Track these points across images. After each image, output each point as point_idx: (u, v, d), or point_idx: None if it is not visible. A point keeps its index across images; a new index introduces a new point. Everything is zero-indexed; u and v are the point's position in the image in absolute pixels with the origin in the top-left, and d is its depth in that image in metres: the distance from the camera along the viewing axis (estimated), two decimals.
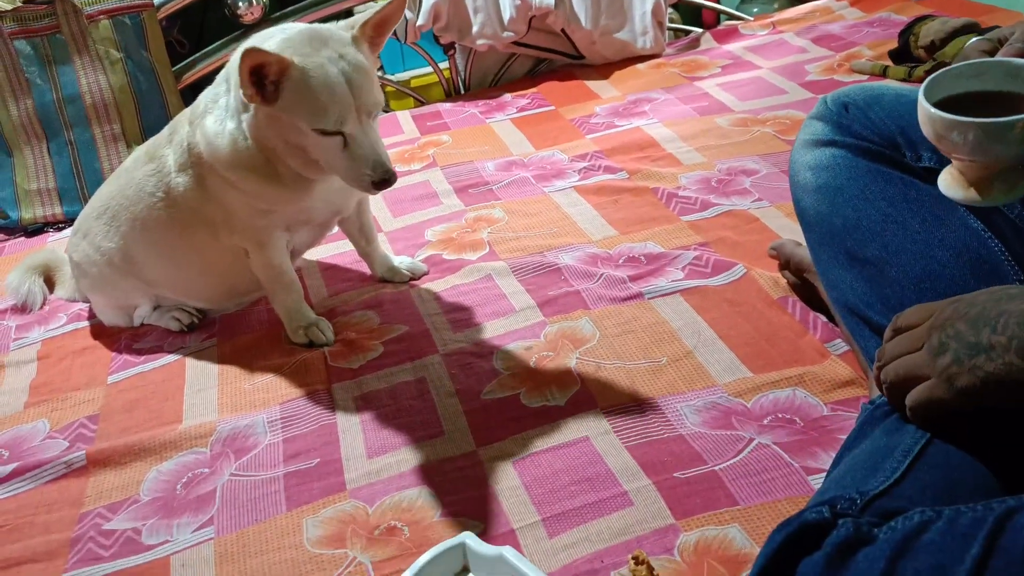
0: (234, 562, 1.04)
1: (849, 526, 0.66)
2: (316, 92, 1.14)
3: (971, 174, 0.68)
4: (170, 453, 1.24)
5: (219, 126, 1.27)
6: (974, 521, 0.61)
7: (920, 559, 0.61)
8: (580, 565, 0.95)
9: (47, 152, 2.18)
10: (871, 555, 0.64)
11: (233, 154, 1.26)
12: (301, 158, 1.24)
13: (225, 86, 1.28)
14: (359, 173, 1.19)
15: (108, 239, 1.47)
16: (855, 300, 0.96)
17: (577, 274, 1.49)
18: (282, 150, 1.24)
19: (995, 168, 0.66)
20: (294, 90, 1.15)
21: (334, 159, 1.20)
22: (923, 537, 0.63)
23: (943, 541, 0.62)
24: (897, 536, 0.64)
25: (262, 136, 1.23)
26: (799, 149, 1.09)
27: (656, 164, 1.87)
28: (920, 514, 0.64)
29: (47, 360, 1.54)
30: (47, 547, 1.11)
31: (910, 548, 0.62)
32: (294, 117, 1.17)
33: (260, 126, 1.22)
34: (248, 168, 1.27)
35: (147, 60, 2.25)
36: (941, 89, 0.69)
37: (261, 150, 1.25)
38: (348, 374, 1.34)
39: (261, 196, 1.31)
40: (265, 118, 1.20)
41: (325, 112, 1.15)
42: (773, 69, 2.33)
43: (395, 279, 1.58)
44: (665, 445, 1.10)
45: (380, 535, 1.04)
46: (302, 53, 1.15)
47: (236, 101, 1.24)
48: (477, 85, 2.66)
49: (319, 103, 1.14)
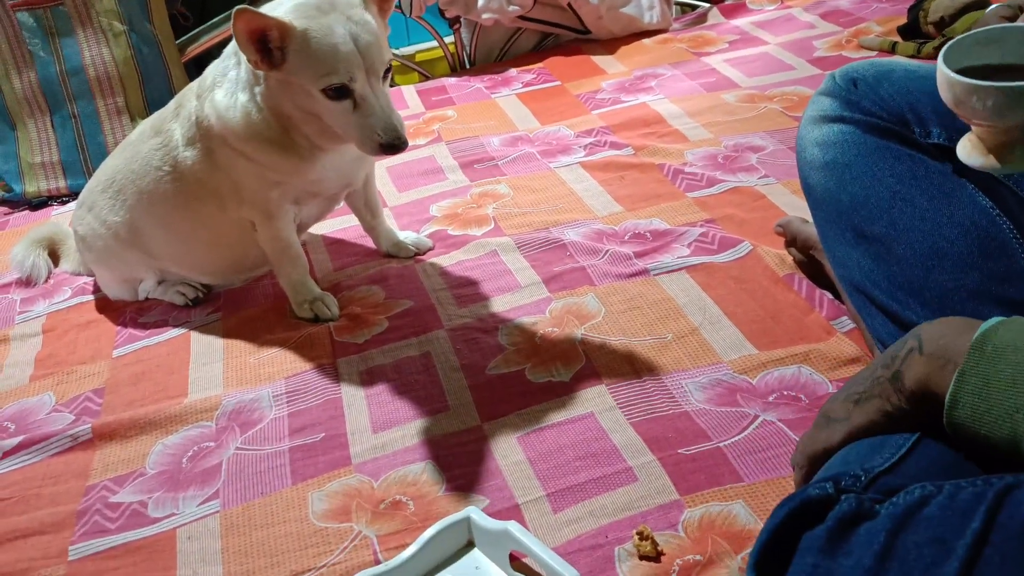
0: (239, 535, 1.05)
1: (852, 501, 0.67)
2: (322, 52, 1.14)
3: (990, 140, 0.67)
4: (176, 427, 1.24)
5: (230, 99, 1.27)
6: (974, 496, 0.62)
7: (920, 533, 0.62)
8: (584, 540, 0.96)
9: (51, 125, 2.17)
10: (872, 529, 0.64)
11: (247, 126, 1.26)
12: (316, 125, 1.24)
13: (235, 59, 1.28)
14: (370, 136, 1.19)
15: (113, 212, 1.47)
16: (861, 278, 0.96)
17: (583, 250, 1.49)
18: (297, 118, 1.24)
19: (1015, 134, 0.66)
20: (299, 52, 1.15)
21: (345, 123, 1.20)
22: (923, 511, 0.63)
23: (943, 515, 0.62)
24: (898, 511, 0.64)
25: (276, 105, 1.23)
26: (807, 125, 1.08)
27: (662, 140, 1.86)
28: (921, 489, 0.65)
29: (52, 333, 1.55)
30: (53, 519, 1.12)
31: (910, 522, 0.63)
32: (302, 80, 1.17)
33: (273, 95, 1.22)
34: (263, 139, 1.27)
35: (151, 32, 2.24)
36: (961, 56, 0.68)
37: (277, 119, 1.26)
38: (353, 349, 1.34)
39: (275, 167, 1.31)
40: (277, 85, 1.21)
41: (332, 71, 1.15)
42: (781, 45, 2.31)
43: (400, 254, 1.58)
44: (670, 421, 1.10)
45: (385, 509, 1.04)
46: (308, 16, 1.15)
47: (247, 74, 1.25)
48: (482, 60, 2.64)
49: (325, 63, 1.15)
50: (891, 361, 0.74)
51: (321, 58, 1.15)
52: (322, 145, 1.29)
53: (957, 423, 0.67)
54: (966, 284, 0.86)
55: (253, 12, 1.10)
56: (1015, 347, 0.64)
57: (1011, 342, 0.64)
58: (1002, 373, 0.64)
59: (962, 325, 0.70)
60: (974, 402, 0.66)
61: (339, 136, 1.24)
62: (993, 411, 0.64)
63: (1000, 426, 0.64)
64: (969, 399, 0.66)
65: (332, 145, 1.29)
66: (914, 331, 0.74)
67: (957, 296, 0.86)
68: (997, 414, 0.64)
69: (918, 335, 0.73)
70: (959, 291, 0.86)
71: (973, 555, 0.58)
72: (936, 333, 0.71)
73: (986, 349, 0.66)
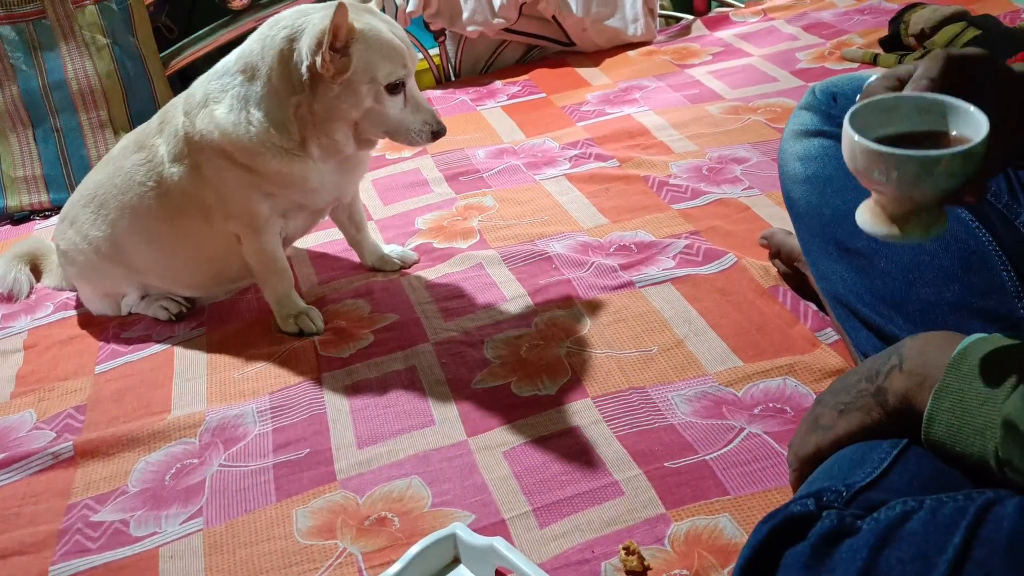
0: (223, 553, 1.04)
1: (833, 518, 0.67)
2: (386, 48, 1.21)
3: (892, 208, 0.66)
4: (158, 443, 1.23)
5: (238, 115, 1.27)
6: (956, 511, 0.62)
7: (903, 549, 0.62)
8: (571, 555, 0.95)
9: (33, 139, 2.16)
10: (854, 545, 0.64)
11: (261, 141, 1.27)
12: (348, 130, 1.28)
13: (242, 77, 1.27)
14: (421, 125, 1.28)
15: (96, 227, 1.46)
16: (844, 291, 0.96)
17: (568, 263, 1.49)
18: (338, 125, 1.27)
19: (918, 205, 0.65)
20: (365, 50, 1.20)
21: (400, 116, 1.27)
22: (905, 527, 0.63)
23: (925, 531, 0.62)
24: (880, 527, 0.64)
25: (326, 110, 1.24)
26: (788, 139, 1.08)
27: (647, 152, 1.87)
28: (903, 504, 0.65)
29: (34, 349, 1.53)
30: (34, 539, 1.10)
31: (893, 538, 0.63)
32: (372, 76, 1.21)
33: (324, 102, 1.23)
34: (274, 151, 1.28)
35: (134, 46, 2.23)
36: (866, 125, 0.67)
37: (301, 130, 1.27)
38: (338, 363, 1.34)
39: (278, 179, 1.31)
40: (342, 91, 1.22)
41: (399, 65, 1.23)
42: (764, 57, 2.32)
43: (385, 268, 1.57)
44: (656, 435, 1.10)
45: (370, 525, 1.04)
46: (359, 19, 1.20)
47: (265, 89, 1.25)
48: (468, 72, 2.64)
49: (392, 58, 1.22)
50: (874, 376, 0.74)
51: (387, 54, 1.21)
52: (346, 150, 1.31)
53: (934, 440, 0.68)
54: (948, 297, 0.87)
55: (346, 9, 1.14)
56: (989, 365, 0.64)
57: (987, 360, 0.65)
58: (976, 391, 0.64)
59: (943, 341, 0.71)
60: (949, 420, 0.66)
61: (368, 139, 1.31)
62: (965, 429, 0.65)
63: (971, 444, 0.64)
64: (945, 417, 0.66)
65: (360, 149, 1.34)
66: (897, 346, 0.74)
67: (939, 309, 0.87)
68: (969, 432, 0.65)
69: (900, 351, 0.73)
70: (941, 304, 0.87)
71: (955, 571, 0.58)
72: (917, 349, 0.72)
73: (962, 367, 0.66)
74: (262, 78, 1.25)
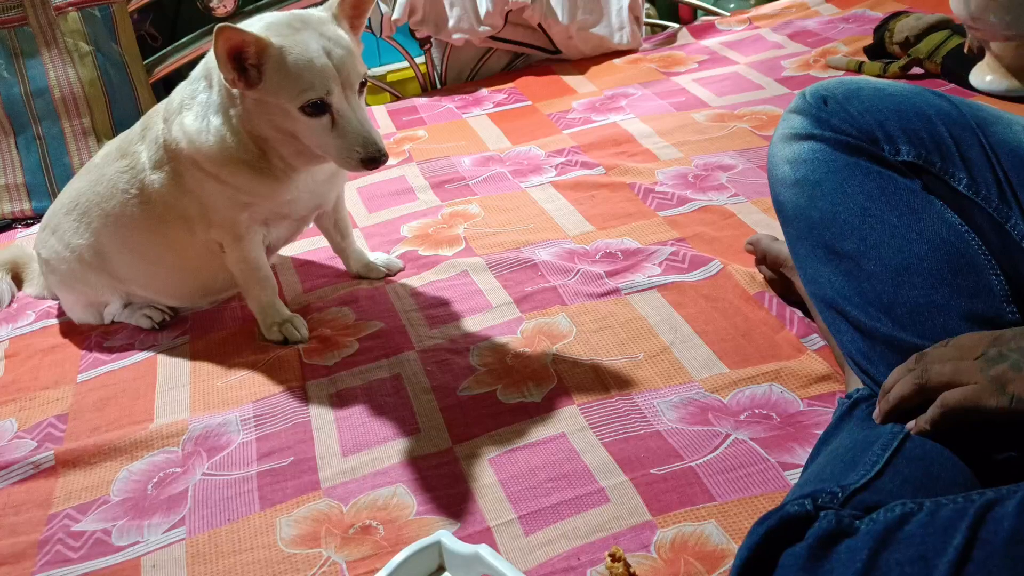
0: (206, 563, 1.02)
1: (831, 518, 0.66)
2: (298, 68, 1.13)
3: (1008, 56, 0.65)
4: (141, 452, 1.22)
5: (201, 123, 1.25)
6: (955, 513, 0.62)
7: (902, 551, 0.62)
8: (557, 563, 0.94)
9: (15, 147, 2.14)
10: (853, 547, 0.64)
11: (221, 150, 1.25)
12: (292, 146, 1.23)
13: (204, 83, 1.26)
14: (350, 151, 1.17)
15: (78, 235, 1.44)
16: (833, 294, 0.96)
17: (554, 270, 1.48)
18: (274, 139, 1.23)
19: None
20: (276, 69, 1.14)
21: (324, 140, 1.18)
22: (905, 529, 0.63)
23: (925, 533, 0.62)
24: (878, 528, 0.64)
25: (253, 126, 1.22)
26: (777, 143, 1.08)
27: (633, 159, 1.87)
28: (901, 506, 0.65)
29: (15, 359, 1.52)
30: (14, 549, 1.09)
31: (892, 540, 0.62)
32: (279, 98, 1.16)
33: (250, 116, 1.21)
34: (238, 162, 1.25)
35: (117, 53, 2.22)
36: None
37: (253, 141, 1.24)
38: (323, 371, 1.33)
39: (248, 190, 1.29)
40: (254, 105, 1.19)
41: (309, 87, 1.14)
42: (750, 64, 2.33)
43: (371, 275, 1.56)
44: (642, 441, 1.10)
45: (355, 534, 1.03)
46: (281, 34, 1.15)
47: (220, 96, 1.23)
48: (453, 80, 2.64)
49: (302, 79, 1.14)
50: None
51: (297, 74, 1.14)
52: (298, 166, 1.27)
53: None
54: (936, 300, 0.87)
55: (234, 28, 1.09)
56: None
57: None
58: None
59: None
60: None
61: (317, 155, 1.23)
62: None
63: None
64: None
65: (309, 165, 1.28)
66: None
67: (928, 311, 0.87)
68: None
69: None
70: (930, 307, 0.87)
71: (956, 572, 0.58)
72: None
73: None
74: (216, 85, 1.24)
